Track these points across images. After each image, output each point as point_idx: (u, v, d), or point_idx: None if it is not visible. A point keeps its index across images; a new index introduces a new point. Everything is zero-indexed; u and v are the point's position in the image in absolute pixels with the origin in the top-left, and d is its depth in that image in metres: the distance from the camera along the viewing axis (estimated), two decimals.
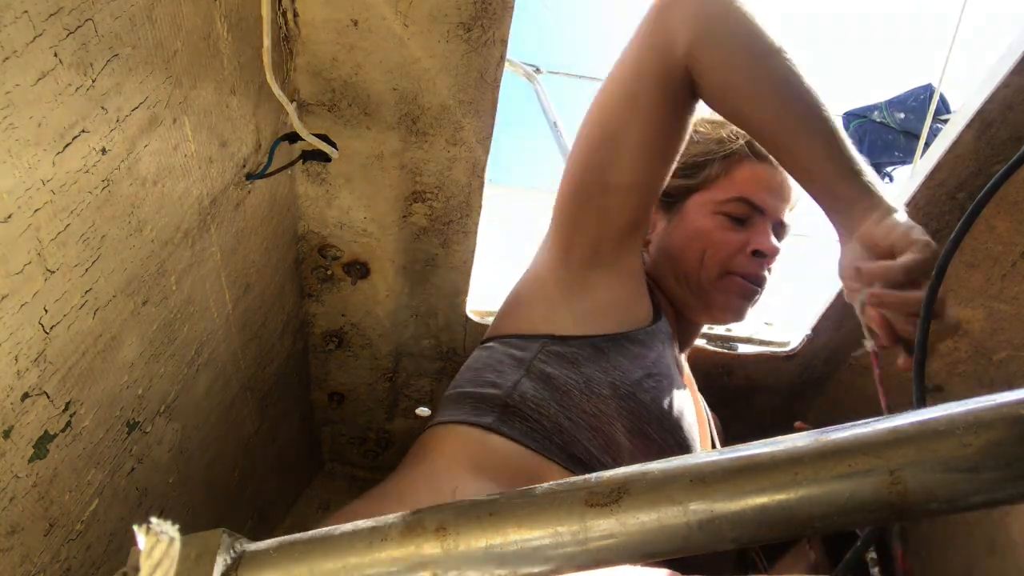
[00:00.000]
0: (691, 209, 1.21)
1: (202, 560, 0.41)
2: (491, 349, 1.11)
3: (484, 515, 0.39)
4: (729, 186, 1.19)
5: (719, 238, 1.17)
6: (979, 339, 1.36)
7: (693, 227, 1.19)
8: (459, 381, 1.10)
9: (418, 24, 0.97)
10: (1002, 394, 0.34)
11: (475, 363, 1.11)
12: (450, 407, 1.05)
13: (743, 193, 1.18)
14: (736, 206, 1.18)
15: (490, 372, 1.05)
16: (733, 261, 1.17)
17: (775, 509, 0.35)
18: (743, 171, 1.19)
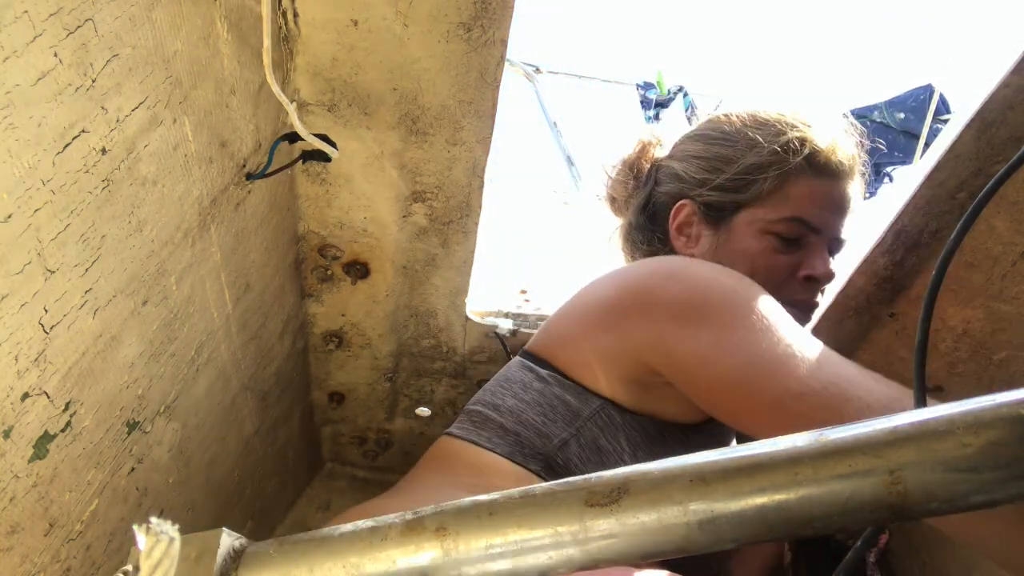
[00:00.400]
0: (739, 227, 1.08)
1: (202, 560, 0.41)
2: (545, 382, 1.00)
3: (484, 515, 0.39)
4: (782, 204, 1.06)
5: (768, 263, 1.05)
6: (979, 339, 1.36)
7: (740, 248, 1.07)
8: (502, 399, 1.02)
9: (418, 24, 0.97)
10: (1002, 394, 0.34)
11: (524, 388, 1.01)
12: (490, 431, 0.99)
13: (798, 213, 1.05)
14: (789, 226, 1.05)
15: (539, 413, 0.97)
16: (783, 289, 1.04)
17: (775, 509, 0.35)
18: (799, 187, 1.06)
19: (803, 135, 1.06)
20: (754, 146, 1.08)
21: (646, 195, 1.22)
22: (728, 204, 1.09)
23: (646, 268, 0.98)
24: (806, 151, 1.06)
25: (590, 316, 1.00)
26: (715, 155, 1.12)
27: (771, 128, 1.09)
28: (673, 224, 1.15)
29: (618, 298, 0.96)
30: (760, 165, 1.07)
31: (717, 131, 1.14)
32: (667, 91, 3.74)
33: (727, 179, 1.08)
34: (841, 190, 1.09)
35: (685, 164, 1.16)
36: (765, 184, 1.06)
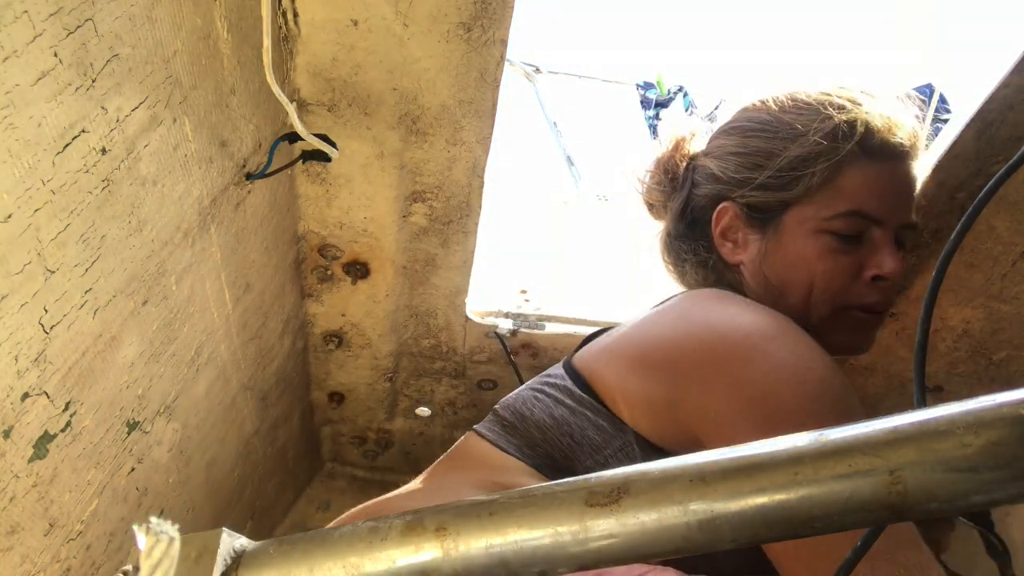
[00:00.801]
0: (790, 227, 0.96)
1: (202, 560, 0.41)
2: (579, 403, 0.92)
3: (484, 515, 0.39)
4: (836, 197, 0.93)
5: (828, 266, 0.93)
6: (979, 339, 1.36)
7: (794, 252, 0.95)
8: (531, 410, 0.96)
9: (418, 24, 0.97)
10: (1002, 394, 0.34)
11: (556, 404, 0.95)
12: (520, 439, 0.94)
13: (855, 205, 0.92)
14: (847, 222, 0.92)
15: (565, 434, 0.91)
16: (848, 293, 0.93)
17: (775, 509, 0.35)
18: (854, 176, 0.93)
19: (852, 116, 0.93)
20: (797, 135, 0.95)
21: (683, 199, 1.09)
22: (774, 204, 0.96)
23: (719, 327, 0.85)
24: (857, 135, 0.92)
25: (645, 358, 0.90)
26: (754, 149, 0.99)
27: (814, 112, 0.95)
28: (716, 230, 1.03)
29: (681, 352, 0.86)
30: (806, 157, 0.94)
31: (754, 121, 1.02)
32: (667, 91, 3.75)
33: (770, 176, 0.96)
34: (903, 171, 0.95)
35: (722, 162, 1.03)
36: (814, 178, 0.93)
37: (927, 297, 0.55)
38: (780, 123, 0.97)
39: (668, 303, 0.96)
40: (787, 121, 0.96)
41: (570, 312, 1.58)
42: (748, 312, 0.88)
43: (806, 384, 0.77)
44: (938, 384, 1.47)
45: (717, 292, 0.95)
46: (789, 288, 0.95)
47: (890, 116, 0.95)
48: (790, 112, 0.97)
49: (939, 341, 1.39)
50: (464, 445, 1.00)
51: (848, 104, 0.94)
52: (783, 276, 0.96)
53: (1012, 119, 1.08)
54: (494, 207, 1.44)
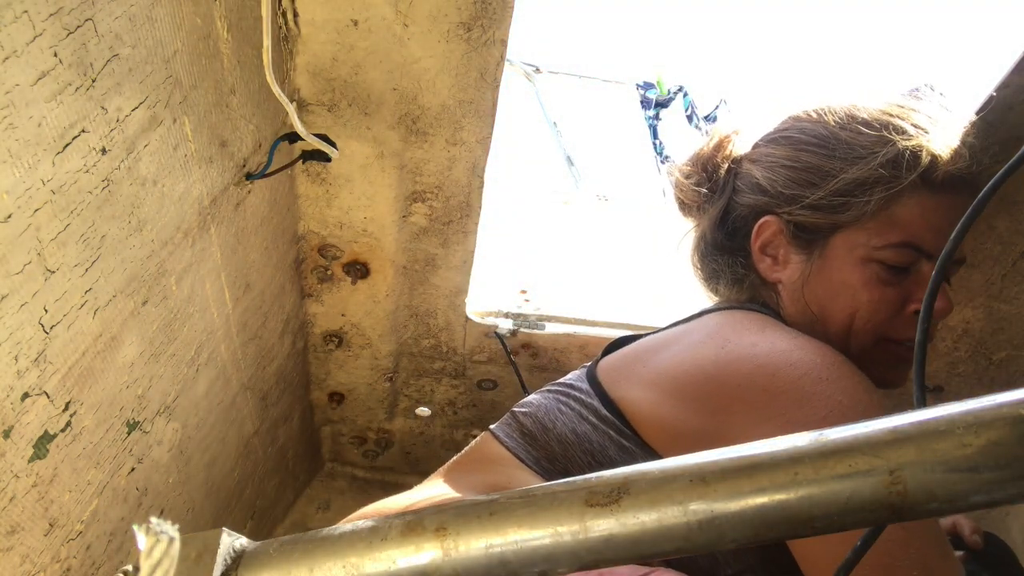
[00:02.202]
0: (837, 252, 0.91)
1: (202, 560, 0.41)
2: (603, 420, 0.89)
3: (484, 515, 0.39)
4: (890, 227, 0.88)
5: (874, 297, 0.89)
6: (979, 339, 1.36)
7: (839, 278, 0.91)
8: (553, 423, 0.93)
9: (418, 24, 0.97)
10: (1002, 394, 0.34)
11: (579, 419, 0.91)
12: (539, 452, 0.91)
13: (909, 238, 0.88)
14: (898, 254, 0.88)
15: (585, 452, 0.89)
16: (891, 326, 0.90)
17: (775, 509, 0.35)
18: (911, 207, 0.89)
19: (917, 145, 0.88)
20: (858, 158, 0.90)
21: (723, 206, 1.03)
22: (824, 225, 0.92)
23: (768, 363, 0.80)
24: (922, 166, 0.87)
25: (682, 388, 0.86)
26: (807, 165, 0.94)
27: (876, 134, 0.90)
28: (756, 243, 0.98)
29: (722, 386, 0.82)
30: (864, 182, 0.89)
31: (808, 134, 0.97)
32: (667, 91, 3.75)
33: (823, 197, 0.91)
34: (961, 205, 0.90)
35: (770, 173, 0.98)
36: (870, 205, 0.88)
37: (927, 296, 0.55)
38: (838, 141, 0.92)
39: (701, 322, 0.92)
40: (845, 140, 0.92)
41: (570, 312, 1.58)
42: (797, 345, 0.84)
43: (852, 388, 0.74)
44: (938, 384, 1.47)
45: (757, 317, 0.91)
46: (829, 315, 0.91)
47: (956, 148, 0.90)
48: (849, 130, 0.92)
49: (939, 341, 1.39)
50: (482, 447, 0.96)
51: (911, 129, 0.90)
52: (824, 302, 0.91)
53: (1012, 119, 1.08)
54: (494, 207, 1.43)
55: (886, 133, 0.89)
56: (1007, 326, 1.33)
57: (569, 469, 0.89)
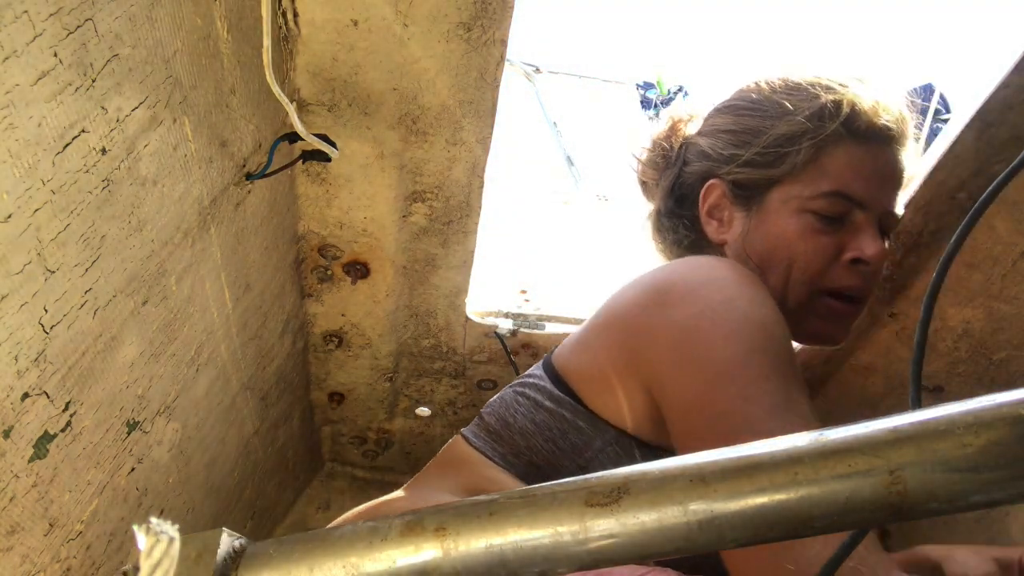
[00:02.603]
0: (772, 206, 0.95)
1: (202, 560, 0.41)
2: (558, 403, 0.91)
3: (484, 515, 0.39)
4: (820, 177, 0.93)
5: (808, 246, 0.92)
6: (979, 339, 1.36)
7: (775, 231, 0.94)
8: (514, 416, 0.95)
9: (418, 24, 0.97)
10: (1002, 394, 0.34)
11: (536, 407, 0.94)
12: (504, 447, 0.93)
13: (838, 186, 0.92)
14: (829, 202, 0.92)
15: (547, 440, 0.91)
16: (826, 275, 0.93)
17: (775, 509, 0.35)
18: (838, 157, 0.93)
19: (839, 97, 0.94)
20: (785, 114, 0.95)
21: (674, 176, 1.10)
22: (760, 181, 0.97)
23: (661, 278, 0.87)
24: (843, 114, 0.92)
25: (604, 335, 0.91)
26: (744, 127, 1.00)
27: (804, 92, 0.96)
28: (703, 207, 1.03)
29: (627, 310, 0.88)
30: (792, 135, 0.94)
31: (746, 100, 1.03)
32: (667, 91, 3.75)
33: (757, 153, 0.96)
34: (888, 157, 0.95)
35: (712, 139, 1.04)
36: (799, 156, 0.93)
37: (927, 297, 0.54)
38: (770, 102, 0.98)
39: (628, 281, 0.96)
40: (777, 101, 0.97)
41: (570, 312, 1.58)
42: (693, 260, 0.91)
43: (734, 324, 0.77)
44: (938, 384, 1.47)
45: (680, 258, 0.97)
46: (768, 267, 0.94)
47: (878, 99, 0.95)
48: (780, 92, 0.98)
49: (939, 341, 1.39)
50: (451, 450, 0.99)
51: (836, 86, 0.95)
52: (763, 255, 0.95)
53: (1012, 119, 1.08)
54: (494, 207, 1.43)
55: (812, 90, 0.95)
56: (1007, 326, 1.33)
57: (534, 460, 0.91)
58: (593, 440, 0.88)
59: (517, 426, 0.94)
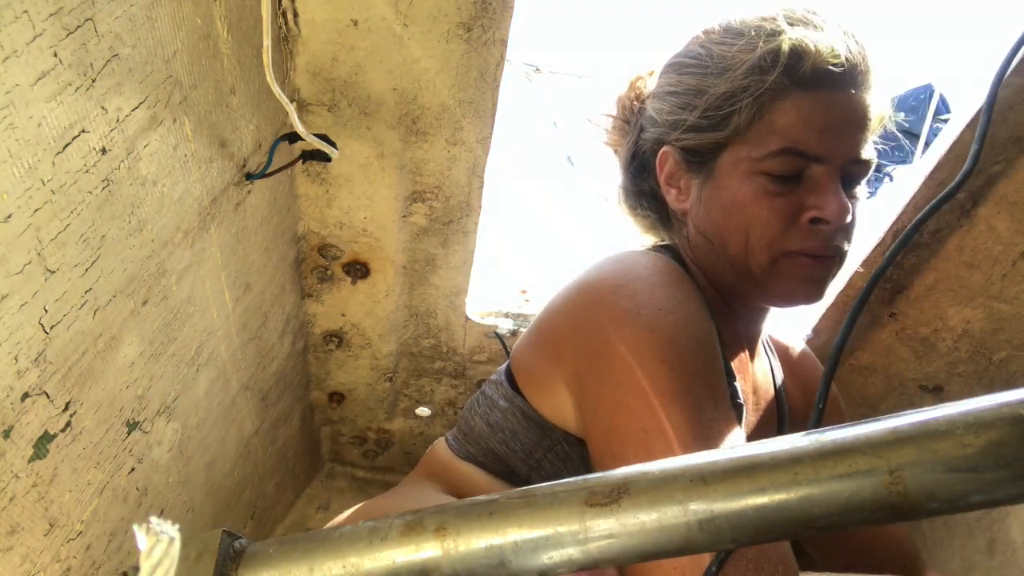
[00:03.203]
0: (724, 170, 0.88)
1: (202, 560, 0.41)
2: (510, 403, 0.91)
3: (484, 515, 0.39)
4: (768, 135, 0.84)
5: (762, 210, 0.85)
6: (979, 339, 1.36)
7: (728, 197, 0.87)
8: (474, 419, 0.97)
9: (418, 24, 0.97)
10: (1002, 394, 0.34)
11: (491, 408, 0.94)
12: (476, 447, 0.95)
13: (787, 143, 0.83)
14: (780, 162, 0.83)
15: (500, 442, 0.92)
16: (785, 239, 0.85)
17: (775, 509, 0.35)
18: (785, 111, 0.83)
19: (776, 44, 0.83)
20: (725, 69, 0.87)
21: (632, 144, 1.02)
22: (708, 145, 0.89)
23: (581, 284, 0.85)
24: (782, 63, 0.83)
25: (538, 336, 0.89)
26: (686, 88, 0.91)
27: (742, 42, 0.86)
28: (661, 176, 0.96)
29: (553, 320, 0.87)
30: (732, 92, 0.85)
31: (689, 56, 0.93)
32: None
33: (700, 116, 0.88)
34: (844, 100, 0.84)
35: (660, 103, 0.96)
36: (742, 115, 0.85)
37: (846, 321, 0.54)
38: (711, 57, 0.89)
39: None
40: (717, 54, 0.88)
41: None
42: (612, 260, 0.87)
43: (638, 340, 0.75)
44: (938, 384, 1.47)
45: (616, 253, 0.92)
46: (726, 236, 0.88)
47: (819, 39, 0.84)
48: (720, 43, 0.89)
49: (939, 341, 1.39)
50: (432, 452, 1.02)
51: (777, 30, 0.85)
52: (719, 223, 0.88)
53: (1012, 119, 1.08)
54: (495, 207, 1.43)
55: (750, 38, 0.86)
56: (1007, 326, 1.33)
57: (501, 458, 0.92)
58: (541, 441, 0.88)
59: (476, 428, 0.95)
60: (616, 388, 0.74)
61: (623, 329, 0.77)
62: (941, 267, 1.28)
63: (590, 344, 0.79)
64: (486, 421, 0.94)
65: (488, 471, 0.93)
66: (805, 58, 0.83)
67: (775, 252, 0.86)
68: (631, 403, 0.73)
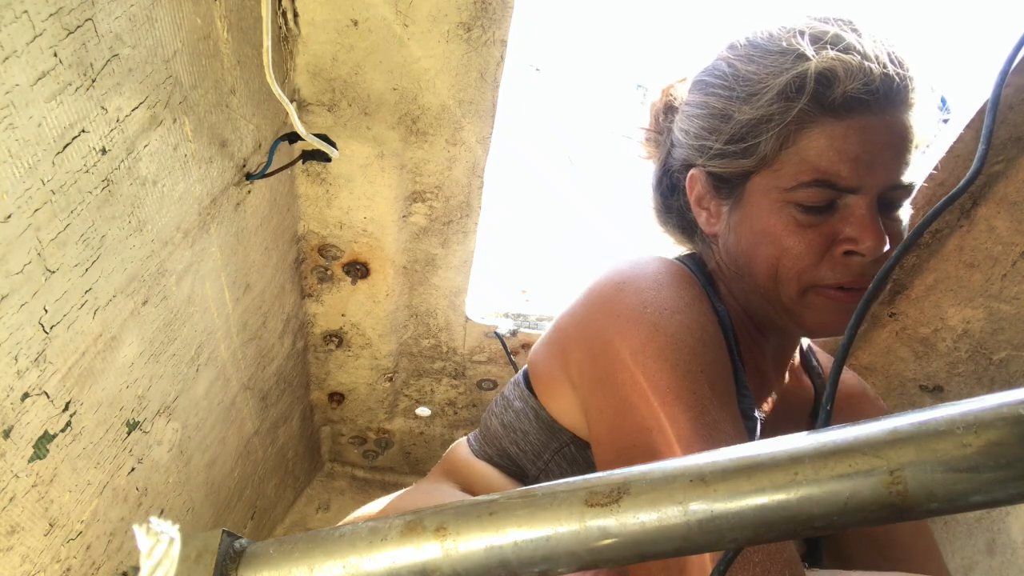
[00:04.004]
0: (753, 199, 0.83)
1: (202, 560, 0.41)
2: (525, 403, 0.91)
3: (484, 515, 0.39)
4: (798, 164, 0.79)
5: (792, 242, 0.80)
6: (979, 339, 1.36)
7: (758, 227, 0.83)
8: (491, 420, 0.97)
9: (418, 24, 0.97)
10: (1002, 394, 0.34)
11: (506, 409, 0.95)
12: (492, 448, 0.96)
13: (818, 173, 0.78)
14: (810, 193, 0.78)
15: (512, 443, 0.92)
16: (817, 271, 0.80)
17: (775, 509, 0.35)
18: (815, 138, 0.78)
19: (802, 70, 0.78)
20: (751, 94, 0.82)
21: (662, 161, 0.98)
22: (735, 173, 0.84)
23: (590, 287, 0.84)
24: (809, 90, 0.77)
25: (553, 336, 0.89)
26: (711, 110, 0.87)
27: (768, 61, 0.81)
28: (691, 198, 0.92)
29: (565, 320, 0.86)
30: (758, 121, 0.81)
31: (715, 75, 0.88)
32: None
33: (726, 143, 0.84)
34: (880, 125, 0.78)
35: (687, 123, 0.91)
36: (768, 145, 0.80)
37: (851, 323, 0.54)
38: (736, 77, 0.84)
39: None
40: (743, 75, 0.83)
41: None
42: (623, 260, 0.85)
43: (642, 339, 0.74)
44: (938, 384, 1.47)
45: (629, 255, 0.89)
46: (755, 265, 0.84)
47: (850, 62, 0.77)
48: (745, 62, 0.83)
49: (939, 341, 1.39)
50: (453, 451, 1.03)
51: (805, 51, 0.79)
52: (749, 253, 0.84)
53: (1012, 119, 1.08)
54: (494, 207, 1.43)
55: (778, 59, 0.80)
56: (1007, 326, 1.33)
57: (514, 459, 0.93)
58: (550, 442, 0.88)
59: (492, 428, 0.96)
60: (620, 387, 0.74)
61: (627, 328, 0.76)
62: (941, 267, 1.28)
63: (594, 343, 0.79)
64: (501, 421, 0.94)
65: (503, 471, 0.94)
66: (834, 84, 0.77)
67: (805, 284, 0.82)
68: (634, 402, 0.72)
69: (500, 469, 0.94)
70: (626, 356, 0.74)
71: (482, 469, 0.95)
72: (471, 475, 0.96)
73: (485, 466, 0.96)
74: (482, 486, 0.94)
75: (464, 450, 1.02)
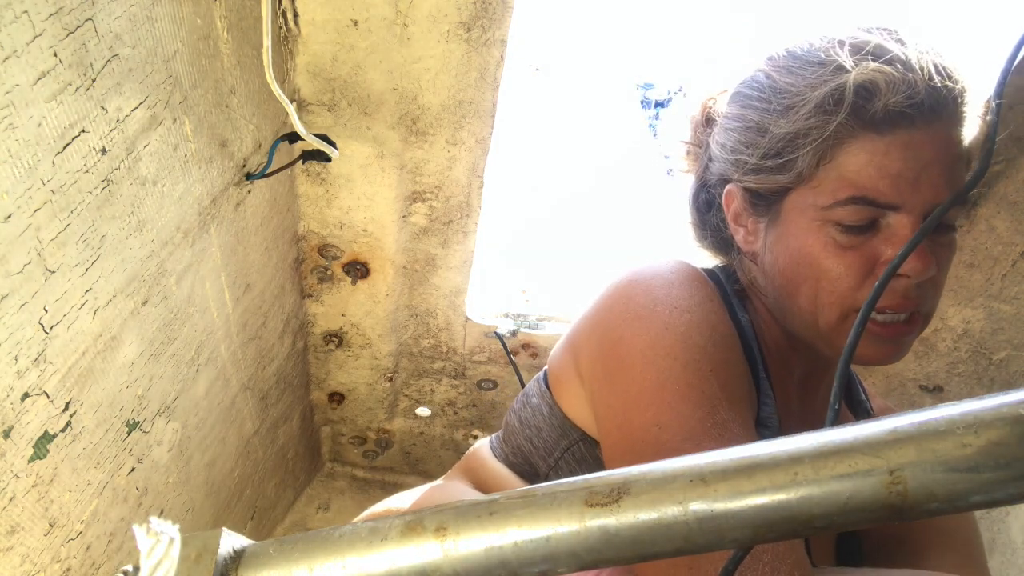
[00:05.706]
0: (790, 217, 0.80)
1: (202, 560, 0.40)
2: (542, 399, 0.91)
3: (484, 515, 0.39)
4: (837, 181, 0.75)
5: (831, 265, 0.76)
6: (979, 339, 1.36)
7: (795, 246, 0.79)
8: (510, 416, 0.97)
9: (418, 24, 0.97)
10: (1002, 394, 0.34)
11: (523, 406, 0.95)
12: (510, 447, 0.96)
13: (858, 191, 0.74)
14: (850, 211, 0.75)
15: (527, 439, 0.92)
16: (859, 295, 0.76)
17: (775, 509, 0.35)
18: (855, 155, 0.75)
19: (840, 82, 0.74)
20: (788, 107, 0.78)
21: (699, 175, 0.95)
22: (772, 189, 0.81)
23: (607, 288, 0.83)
24: (848, 104, 0.73)
25: (568, 334, 0.90)
26: (748, 123, 0.83)
27: (806, 73, 0.78)
28: (729, 214, 0.89)
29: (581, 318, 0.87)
30: (795, 135, 0.77)
31: (753, 87, 0.84)
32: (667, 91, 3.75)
33: (762, 158, 0.80)
34: (924, 140, 0.74)
35: (723, 136, 0.88)
36: (805, 161, 0.76)
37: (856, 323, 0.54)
38: (774, 90, 0.80)
39: None
40: (780, 87, 0.79)
41: (571, 312, 1.58)
42: (641, 263, 0.84)
43: (652, 336, 0.74)
44: (938, 384, 1.47)
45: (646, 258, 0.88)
46: (793, 288, 0.81)
47: (892, 74, 0.74)
48: (784, 73, 0.80)
49: (939, 341, 1.39)
50: (473, 451, 1.03)
51: (845, 63, 0.75)
52: (787, 273, 0.81)
53: (1012, 119, 1.08)
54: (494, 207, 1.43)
55: (817, 72, 0.77)
56: (1007, 326, 1.33)
57: (527, 458, 0.93)
58: (560, 440, 0.88)
59: (511, 425, 0.96)
60: (629, 384, 0.73)
61: (637, 325, 0.75)
62: None
63: (604, 339, 0.78)
64: (519, 417, 0.94)
65: (516, 472, 0.95)
66: (875, 97, 0.74)
67: (847, 308, 0.77)
68: (643, 399, 0.71)
69: (513, 469, 0.95)
70: (635, 353, 0.74)
71: (496, 470, 0.96)
72: (486, 475, 0.97)
73: (500, 467, 0.96)
74: (495, 487, 0.94)
75: (484, 450, 1.02)
